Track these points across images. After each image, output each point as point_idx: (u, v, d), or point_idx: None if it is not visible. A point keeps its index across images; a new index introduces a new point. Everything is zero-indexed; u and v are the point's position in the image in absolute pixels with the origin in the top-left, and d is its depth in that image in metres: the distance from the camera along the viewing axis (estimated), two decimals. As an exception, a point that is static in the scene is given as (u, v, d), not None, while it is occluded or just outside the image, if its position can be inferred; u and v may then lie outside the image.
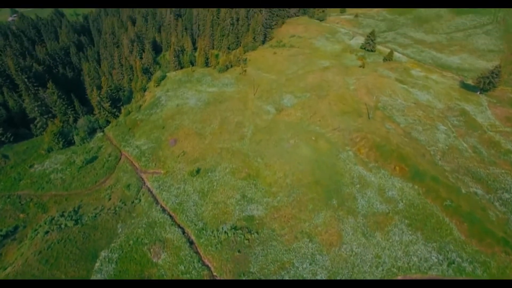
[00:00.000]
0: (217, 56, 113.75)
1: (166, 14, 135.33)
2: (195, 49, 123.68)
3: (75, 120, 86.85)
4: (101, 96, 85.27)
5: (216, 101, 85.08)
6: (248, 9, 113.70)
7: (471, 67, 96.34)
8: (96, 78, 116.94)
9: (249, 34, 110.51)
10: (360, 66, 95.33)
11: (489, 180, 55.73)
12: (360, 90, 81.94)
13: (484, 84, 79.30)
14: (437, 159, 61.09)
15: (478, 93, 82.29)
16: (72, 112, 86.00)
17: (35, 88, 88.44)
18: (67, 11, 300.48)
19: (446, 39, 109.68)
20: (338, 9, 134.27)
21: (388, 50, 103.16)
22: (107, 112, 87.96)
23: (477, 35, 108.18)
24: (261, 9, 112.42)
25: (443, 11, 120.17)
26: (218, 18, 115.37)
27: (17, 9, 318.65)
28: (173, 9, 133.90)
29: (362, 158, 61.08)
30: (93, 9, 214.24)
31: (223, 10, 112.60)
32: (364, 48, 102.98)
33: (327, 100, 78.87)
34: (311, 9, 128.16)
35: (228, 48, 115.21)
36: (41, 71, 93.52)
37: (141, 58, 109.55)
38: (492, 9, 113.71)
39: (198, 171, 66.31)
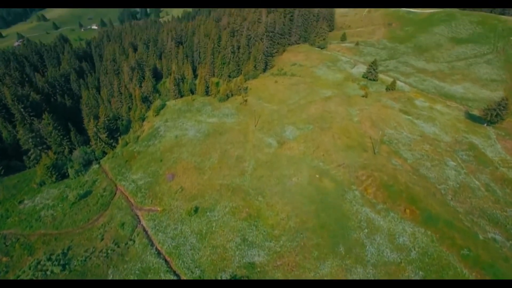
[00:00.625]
0: (217, 84, 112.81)
1: (168, 41, 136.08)
2: (195, 76, 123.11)
3: (71, 151, 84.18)
4: (98, 126, 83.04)
5: (216, 133, 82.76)
6: (249, 37, 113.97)
7: (475, 97, 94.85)
8: (94, 107, 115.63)
9: (250, 62, 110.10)
10: (363, 96, 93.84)
11: (508, 224, 52.24)
12: (364, 123, 79.80)
13: (492, 116, 77.27)
14: (448, 199, 57.81)
15: (485, 125, 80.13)
16: (68, 143, 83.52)
17: (31, 118, 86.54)
18: (71, 36, 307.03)
19: (448, 68, 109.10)
20: (338, 37, 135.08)
21: (391, 79, 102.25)
22: (103, 143, 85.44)
23: (478, 64, 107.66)
24: (262, 37, 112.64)
25: (442, 40, 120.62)
26: (219, 46, 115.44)
27: (23, 34, 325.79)
28: (174, 36, 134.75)
29: (369, 198, 57.80)
30: (96, 35, 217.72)
31: (224, 38, 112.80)
32: (367, 77, 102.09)
33: (330, 133, 76.52)
34: (312, 37, 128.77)
35: (229, 76, 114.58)
36: (39, 100, 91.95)
37: (140, 86, 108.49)
38: (492, 39, 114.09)
39: (196, 210, 62.86)
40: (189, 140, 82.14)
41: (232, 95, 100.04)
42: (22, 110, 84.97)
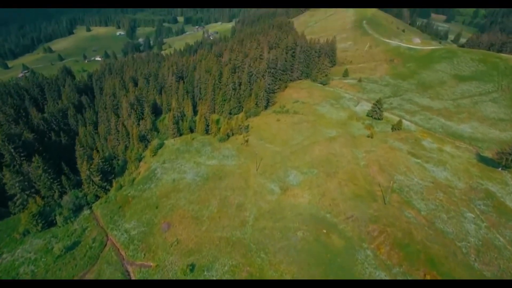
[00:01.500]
0: (218, 121, 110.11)
1: (168, 76, 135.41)
2: (195, 112, 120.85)
3: (61, 196, 79.38)
4: (91, 169, 78.89)
5: (215, 177, 78.39)
6: (250, 73, 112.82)
7: (484, 137, 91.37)
8: (91, 144, 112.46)
9: (252, 99, 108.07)
10: (368, 136, 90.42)
11: (541, 294, 46.19)
12: (372, 167, 75.62)
13: (507, 161, 73.13)
14: (471, 260, 52.21)
15: (500, 169, 75.81)
16: (58, 186, 79.00)
17: (22, 158, 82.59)
18: (75, 67, 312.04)
19: (453, 106, 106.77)
20: (340, 73, 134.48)
21: (396, 118, 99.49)
22: (96, 187, 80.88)
23: (484, 102, 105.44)
24: (264, 74, 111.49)
25: (446, 77, 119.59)
26: (220, 82, 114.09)
27: (28, 65, 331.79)
28: (175, 71, 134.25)
29: (383, 259, 52.22)
30: (98, 67, 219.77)
31: (225, 74, 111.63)
32: (371, 116, 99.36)
33: (336, 179, 72.10)
34: (314, 73, 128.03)
35: (230, 113, 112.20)
36: (31, 139, 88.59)
37: (138, 124, 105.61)
38: (495, 77, 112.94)
39: (192, 268, 57.12)
40: (187, 184, 77.61)
41: (232, 134, 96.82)
42: (12, 150, 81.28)
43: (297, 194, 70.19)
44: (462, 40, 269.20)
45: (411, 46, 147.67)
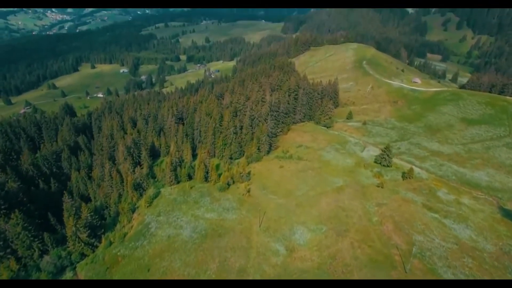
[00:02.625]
0: (218, 166, 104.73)
1: (168, 117, 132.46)
2: (194, 156, 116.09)
3: (42, 255, 71.59)
4: (78, 225, 71.96)
5: (214, 234, 71.22)
6: (252, 117, 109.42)
7: (503, 187, 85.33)
8: (82, 191, 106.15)
9: (253, 143, 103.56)
10: (378, 186, 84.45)
11: None
12: (386, 224, 68.83)
13: (534, 219, 66.47)
14: None
15: (527, 227, 68.88)
16: (40, 244, 71.46)
17: (2, 210, 75.77)
18: (77, 104, 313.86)
19: (464, 151, 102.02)
20: (344, 115, 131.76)
21: (406, 164, 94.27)
22: (83, 244, 73.37)
23: (497, 147, 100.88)
24: (266, 117, 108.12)
25: (453, 120, 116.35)
26: (221, 125, 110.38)
27: (31, 101, 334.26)
28: (175, 112, 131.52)
29: None
30: (98, 105, 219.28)
31: (226, 117, 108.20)
32: (380, 163, 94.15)
33: (348, 239, 65.02)
34: (317, 115, 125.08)
35: (231, 158, 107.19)
36: (16, 189, 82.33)
37: (134, 171, 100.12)
38: (505, 121, 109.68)
39: None
40: (184, 242, 70.28)
41: (233, 182, 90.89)
42: (-6, 203, 74.85)
43: (305, 257, 62.76)
44: (460, 80, 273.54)
45: (415, 88, 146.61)
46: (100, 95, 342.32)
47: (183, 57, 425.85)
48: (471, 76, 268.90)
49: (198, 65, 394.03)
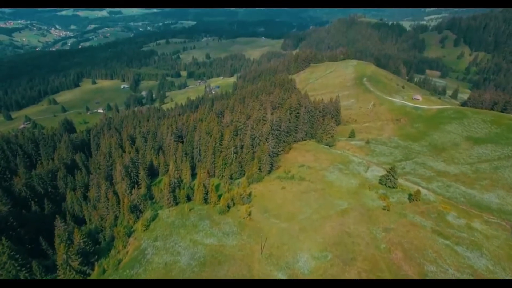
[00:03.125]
0: (218, 187, 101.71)
1: (167, 135, 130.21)
2: (194, 175, 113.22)
3: (31, 284, 67.36)
4: (69, 252, 68.18)
5: (214, 261, 67.40)
6: (253, 136, 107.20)
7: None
8: (77, 212, 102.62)
9: (254, 163, 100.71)
10: (384, 209, 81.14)
11: None
12: (395, 252, 65.18)
13: (552, 246, 62.91)
14: None
15: (544, 255, 65.20)
16: (27, 274, 67.38)
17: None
18: (77, 119, 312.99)
19: (472, 171, 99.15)
20: (346, 133, 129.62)
21: (411, 185, 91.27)
22: (75, 272, 69.31)
23: (506, 168, 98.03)
24: (268, 137, 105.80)
25: (458, 139, 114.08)
26: (221, 144, 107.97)
27: (31, 116, 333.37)
28: (175, 130, 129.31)
29: None
30: (98, 122, 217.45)
31: (226, 137, 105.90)
32: (385, 184, 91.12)
33: (355, 269, 61.27)
34: (319, 133, 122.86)
35: (231, 178, 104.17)
36: (6, 212, 78.99)
37: (131, 192, 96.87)
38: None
39: None
40: (181, 270, 66.38)
41: (234, 204, 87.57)
42: (-18, 229, 71.32)
43: (310, 288, 58.71)
44: (460, 96, 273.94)
45: (417, 105, 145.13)
46: (100, 110, 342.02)
47: (183, 73, 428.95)
48: (471, 93, 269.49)
49: (199, 81, 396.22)
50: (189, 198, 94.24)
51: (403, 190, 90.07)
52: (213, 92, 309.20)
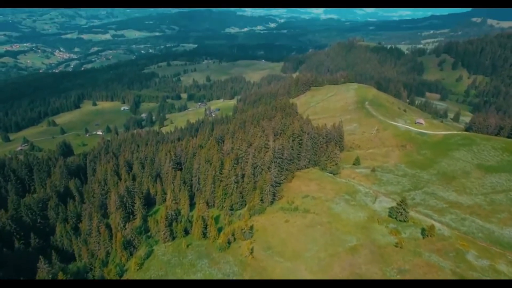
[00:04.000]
0: (217, 218, 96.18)
1: (165, 162, 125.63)
2: (192, 205, 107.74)
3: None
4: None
5: (211, 310, 60.82)
6: (255, 165, 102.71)
7: (539, 247, 75.84)
8: (66, 246, 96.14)
9: (256, 194, 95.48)
10: (396, 246, 75.26)
11: None
12: (414, 299, 58.74)
13: None
14: None
15: None
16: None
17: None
18: (76, 141, 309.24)
19: (487, 202, 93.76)
20: (350, 160, 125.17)
21: (424, 218, 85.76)
22: (57, 321, 62.35)
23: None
24: (270, 166, 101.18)
25: (468, 167, 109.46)
26: (221, 173, 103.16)
27: (30, 138, 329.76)
28: (173, 157, 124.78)
29: None
30: (95, 146, 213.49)
31: (227, 165, 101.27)
32: (395, 217, 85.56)
33: (371, 321, 54.76)
34: (323, 161, 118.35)
35: (231, 209, 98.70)
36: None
37: (125, 226, 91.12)
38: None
39: None
40: (175, 320, 59.65)
41: (234, 239, 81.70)
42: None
43: None
44: (462, 119, 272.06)
45: (422, 131, 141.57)
46: (99, 132, 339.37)
47: (184, 95, 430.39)
48: (474, 116, 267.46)
49: (199, 103, 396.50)
50: (187, 232, 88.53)
51: (415, 224, 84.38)
52: (213, 115, 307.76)
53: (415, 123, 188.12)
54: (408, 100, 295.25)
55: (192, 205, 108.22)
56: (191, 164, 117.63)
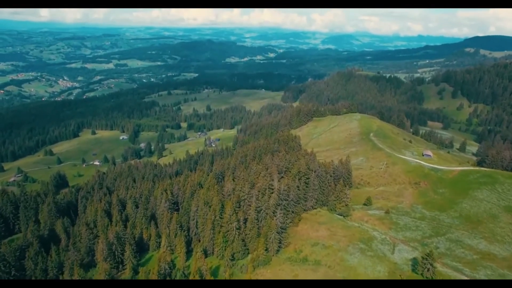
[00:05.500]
0: (217, 270, 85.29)
1: (161, 202, 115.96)
2: (190, 251, 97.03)
3: None
4: None
5: None
6: (258, 209, 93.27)
7: None
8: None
9: (260, 242, 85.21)
10: (427, 311, 63.87)
11: None
12: None
13: None
14: None
15: None
16: None
17: None
18: (71, 171, 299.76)
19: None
20: (360, 199, 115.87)
21: (453, 273, 74.94)
22: None
23: None
24: (275, 210, 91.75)
25: (495, 209, 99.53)
26: (221, 218, 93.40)
27: (24, 168, 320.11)
28: (169, 197, 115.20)
29: None
30: (89, 179, 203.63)
31: (227, 209, 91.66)
32: (421, 274, 74.83)
33: None
34: (331, 201, 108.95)
35: (232, 259, 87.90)
36: None
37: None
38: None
39: None
40: None
41: (236, 301, 70.31)
42: None
43: None
44: (468, 149, 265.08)
45: (436, 166, 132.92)
46: (96, 162, 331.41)
47: (183, 125, 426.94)
48: (480, 146, 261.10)
49: (199, 133, 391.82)
50: None
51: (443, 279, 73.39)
52: (214, 145, 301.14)
53: (423, 155, 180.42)
54: (411, 130, 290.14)
55: (189, 252, 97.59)
56: (189, 205, 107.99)
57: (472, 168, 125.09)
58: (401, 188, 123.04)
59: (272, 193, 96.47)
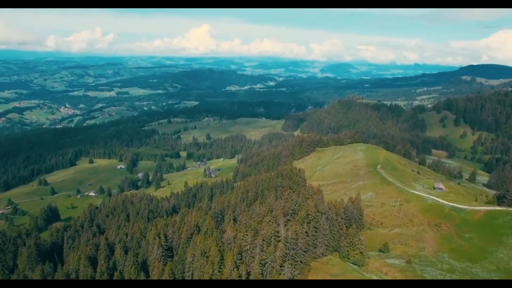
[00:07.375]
0: None
1: (153, 247, 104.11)
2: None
3: None
4: None
5: None
6: (263, 262, 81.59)
7: None
8: None
9: (265, 302, 72.70)
10: None
11: None
12: None
13: None
14: None
15: None
16: None
17: None
18: (65, 203, 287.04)
19: None
20: (374, 244, 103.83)
21: None
22: None
23: None
24: (283, 263, 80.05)
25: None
26: (221, 271, 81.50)
27: (16, 199, 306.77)
28: (163, 242, 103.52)
29: None
30: (79, 216, 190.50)
31: (228, 262, 79.97)
32: None
33: None
34: (344, 247, 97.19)
35: (233, 323, 74.67)
36: None
37: None
38: None
39: None
40: None
41: None
42: None
43: None
44: (478, 179, 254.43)
45: (457, 205, 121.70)
46: (91, 193, 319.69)
47: (183, 154, 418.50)
48: (491, 176, 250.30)
49: (198, 162, 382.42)
50: None
51: None
52: (213, 176, 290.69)
53: (434, 189, 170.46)
54: (417, 159, 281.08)
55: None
56: (184, 253, 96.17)
57: (499, 208, 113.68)
58: (420, 230, 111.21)
59: (279, 241, 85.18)
